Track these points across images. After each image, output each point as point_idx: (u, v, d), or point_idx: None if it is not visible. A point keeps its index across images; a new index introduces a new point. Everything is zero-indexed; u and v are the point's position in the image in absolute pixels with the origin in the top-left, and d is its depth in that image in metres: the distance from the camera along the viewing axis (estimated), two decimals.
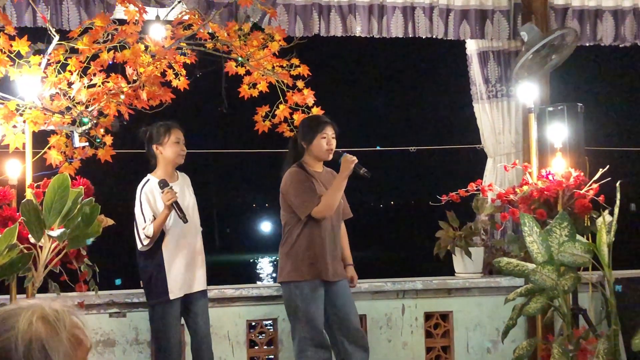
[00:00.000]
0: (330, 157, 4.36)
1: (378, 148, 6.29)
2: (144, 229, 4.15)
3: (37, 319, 1.40)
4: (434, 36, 5.46)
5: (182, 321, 4.39)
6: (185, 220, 4.12)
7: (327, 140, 4.35)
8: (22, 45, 3.73)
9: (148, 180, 4.27)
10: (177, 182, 4.33)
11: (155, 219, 4.16)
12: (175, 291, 4.22)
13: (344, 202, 4.52)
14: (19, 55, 3.76)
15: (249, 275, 23.23)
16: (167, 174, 4.29)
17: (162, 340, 4.26)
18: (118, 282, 3.93)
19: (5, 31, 3.76)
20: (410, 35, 5.42)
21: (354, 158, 4.27)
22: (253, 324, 5.03)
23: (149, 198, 4.20)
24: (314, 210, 4.23)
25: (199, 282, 4.33)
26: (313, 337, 4.24)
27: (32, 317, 1.40)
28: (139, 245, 4.21)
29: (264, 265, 28.35)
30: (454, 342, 5.24)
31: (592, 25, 5.68)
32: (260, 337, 5.03)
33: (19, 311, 1.42)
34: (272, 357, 5.04)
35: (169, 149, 4.29)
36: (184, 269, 4.25)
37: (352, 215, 4.59)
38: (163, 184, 4.14)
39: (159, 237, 4.21)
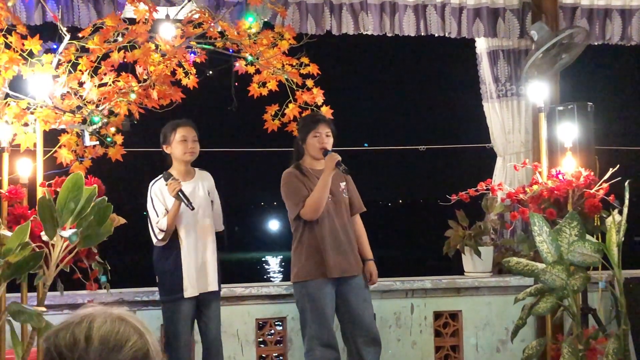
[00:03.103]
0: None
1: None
2: (157, 224, 4.19)
3: (135, 320, 1.43)
4: (446, 34, 5.45)
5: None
6: (191, 208, 4.13)
7: (319, 138, 4.32)
8: (34, 44, 3.74)
9: (160, 177, 4.30)
10: (191, 180, 4.34)
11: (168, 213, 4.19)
12: (189, 289, 4.22)
13: (354, 195, 4.48)
14: (30, 54, 3.76)
15: (258, 273, 23.24)
16: (180, 173, 4.30)
17: (171, 339, 4.26)
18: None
19: (17, 30, 3.77)
20: (422, 34, 5.41)
21: (337, 156, 4.22)
22: (262, 322, 5.04)
23: (157, 194, 4.24)
24: (301, 211, 4.23)
25: (213, 282, 4.32)
26: (321, 336, 4.24)
27: (134, 321, 1.43)
28: (154, 240, 4.24)
29: (272, 263, 28.36)
30: (463, 341, 5.24)
31: (601, 24, 5.66)
32: (269, 335, 5.04)
33: (117, 317, 1.41)
34: (281, 355, 5.05)
35: (176, 148, 4.31)
36: (200, 268, 4.25)
37: (365, 209, 4.56)
38: (167, 177, 4.19)
39: (176, 235, 4.23)
